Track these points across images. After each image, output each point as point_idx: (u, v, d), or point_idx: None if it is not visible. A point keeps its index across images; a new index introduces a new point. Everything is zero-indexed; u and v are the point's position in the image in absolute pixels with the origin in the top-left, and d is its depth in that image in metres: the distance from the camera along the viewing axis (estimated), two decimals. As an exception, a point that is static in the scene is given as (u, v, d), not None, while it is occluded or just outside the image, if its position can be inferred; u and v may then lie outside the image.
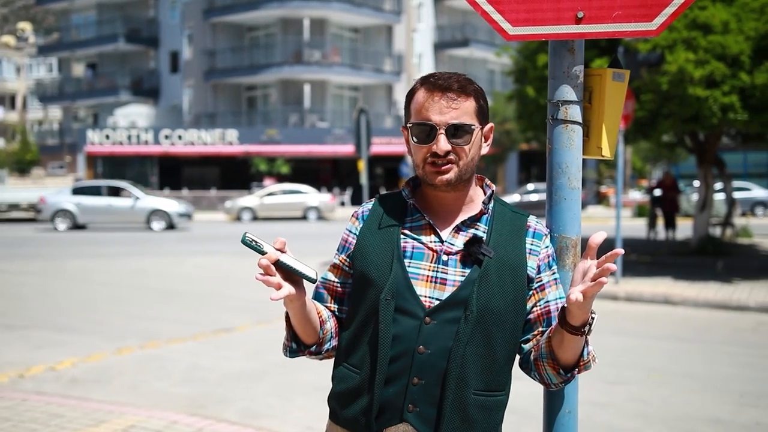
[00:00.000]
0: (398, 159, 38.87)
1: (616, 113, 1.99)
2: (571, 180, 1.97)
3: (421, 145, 1.94)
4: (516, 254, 1.94)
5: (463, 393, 1.88)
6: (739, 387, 6.64)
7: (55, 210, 25.79)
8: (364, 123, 15.76)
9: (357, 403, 1.96)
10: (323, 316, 2.05)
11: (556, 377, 1.92)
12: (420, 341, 1.89)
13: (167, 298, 11.44)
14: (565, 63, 1.95)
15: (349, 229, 2.09)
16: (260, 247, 1.84)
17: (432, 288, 1.92)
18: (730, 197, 17.65)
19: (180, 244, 20.97)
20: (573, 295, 1.75)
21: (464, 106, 1.91)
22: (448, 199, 1.99)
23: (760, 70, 12.03)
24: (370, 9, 43.56)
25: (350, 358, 2.00)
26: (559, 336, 1.86)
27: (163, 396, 6.22)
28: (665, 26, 1.85)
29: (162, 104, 47.68)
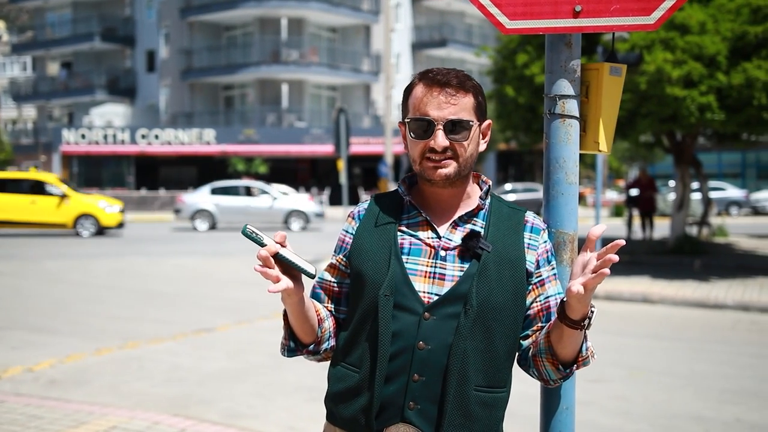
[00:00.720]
0: (376, 159, 38.82)
1: (613, 108, 1.98)
2: (568, 175, 1.96)
3: (418, 141, 1.92)
4: (514, 249, 1.93)
5: (464, 389, 1.86)
6: (719, 384, 6.69)
7: (195, 210, 25.24)
8: (344, 122, 15.75)
9: (356, 402, 1.94)
10: (321, 315, 2.03)
11: (555, 373, 1.91)
12: (420, 337, 1.88)
13: (146, 298, 11.35)
14: (563, 57, 1.94)
15: (346, 229, 2.07)
16: (260, 239, 1.82)
17: (431, 284, 1.91)
18: (706, 197, 17.81)
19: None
20: (574, 288, 1.74)
21: (463, 101, 1.90)
22: (445, 196, 1.97)
23: (736, 70, 12.15)
24: (347, 9, 43.52)
25: (348, 357, 1.98)
26: (558, 331, 1.85)
27: (143, 396, 6.16)
28: (663, 20, 1.85)
29: (138, 104, 47.34)
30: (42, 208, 21.99)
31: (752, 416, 5.81)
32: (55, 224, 22.15)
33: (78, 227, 22.21)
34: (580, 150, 1.99)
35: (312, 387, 6.44)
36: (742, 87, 11.96)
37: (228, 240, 21.46)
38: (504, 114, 16.02)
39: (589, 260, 1.78)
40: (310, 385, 6.51)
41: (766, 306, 10.34)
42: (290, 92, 43.02)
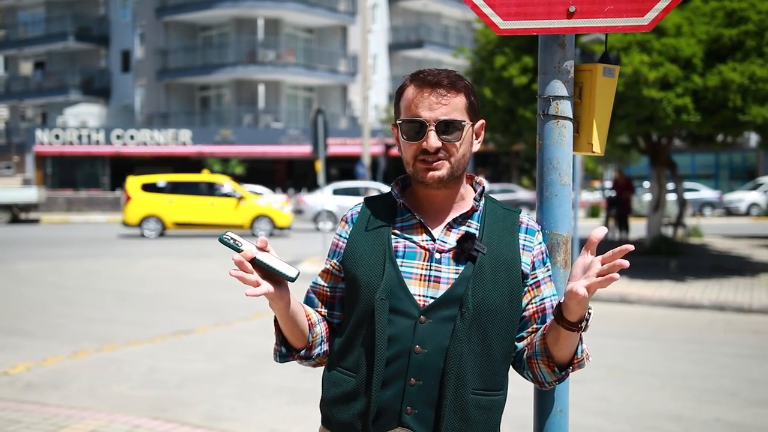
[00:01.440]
0: (353, 160, 38.79)
1: (607, 109, 1.98)
2: (562, 176, 1.95)
3: (411, 142, 1.91)
4: (510, 250, 1.92)
5: (461, 392, 1.85)
6: (697, 384, 6.74)
7: (318, 211, 25.00)
8: (322, 123, 15.70)
9: (353, 406, 1.91)
10: (312, 320, 2.01)
11: (551, 375, 1.90)
12: (416, 341, 1.86)
13: (120, 299, 11.24)
14: (556, 58, 1.93)
15: (339, 233, 2.05)
16: (237, 245, 1.79)
17: (426, 287, 1.89)
18: (681, 198, 17.97)
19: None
20: (578, 290, 1.73)
21: (454, 101, 1.89)
22: (439, 198, 1.96)
23: (711, 72, 12.27)
24: (324, 9, 43.45)
25: (344, 362, 1.96)
26: (554, 333, 1.84)
27: (122, 400, 6.10)
28: (657, 21, 1.85)
29: (113, 104, 46.92)
30: (221, 210, 22.48)
31: (731, 416, 5.85)
32: (233, 225, 22.46)
33: (254, 228, 22.51)
34: (574, 151, 1.98)
35: (293, 389, 6.41)
36: (717, 89, 12.08)
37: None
38: (482, 115, 15.96)
39: (592, 263, 1.77)
40: (290, 387, 6.47)
41: (741, 306, 10.44)
42: (267, 93, 42.86)
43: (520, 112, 13.96)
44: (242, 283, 1.81)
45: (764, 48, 12.39)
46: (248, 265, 1.79)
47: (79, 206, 36.52)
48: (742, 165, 42.99)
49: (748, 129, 13.59)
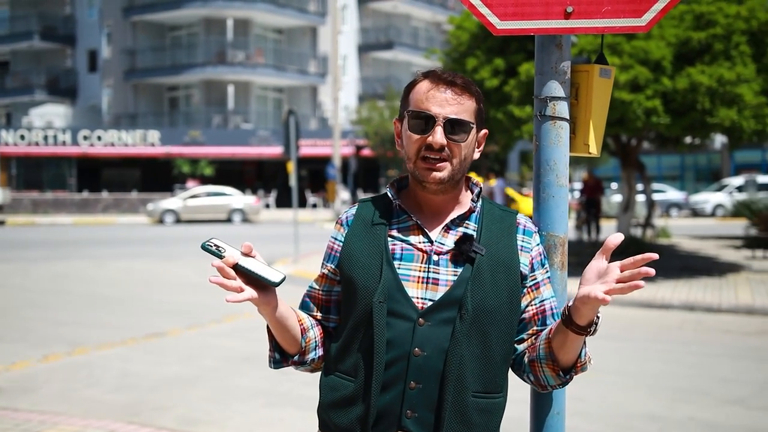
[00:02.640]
0: (323, 161, 38.72)
1: (603, 110, 1.97)
2: (559, 177, 1.94)
3: (416, 136, 1.88)
4: (508, 251, 1.90)
5: (462, 395, 1.83)
6: (670, 383, 6.80)
7: None
8: (293, 124, 15.63)
9: (351, 411, 1.89)
10: (305, 325, 1.98)
11: (555, 379, 1.89)
12: (415, 344, 1.84)
13: (90, 302, 11.09)
14: (553, 58, 1.92)
15: (334, 236, 2.02)
16: (219, 252, 1.75)
17: (424, 289, 1.87)
18: (650, 199, 18.15)
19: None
20: (597, 294, 1.69)
21: (466, 104, 1.87)
22: (437, 201, 1.94)
23: (680, 75, 12.39)
24: (294, 10, 43.32)
25: (342, 366, 1.93)
26: (561, 336, 1.82)
27: (95, 404, 6.00)
28: (655, 22, 1.84)
29: (80, 104, 46.36)
30: None
31: (705, 415, 5.91)
32: None
33: None
34: (570, 152, 1.97)
35: (268, 392, 6.36)
36: (686, 91, 12.20)
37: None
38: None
39: (609, 269, 1.74)
40: (266, 389, 6.42)
41: (710, 306, 10.57)
42: (236, 93, 42.62)
43: (492, 114, 14.00)
44: (223, 289, 1.77)
45: (731, 51, 12.55)
46: (229, 271, 1.75)
47: (45, 208, 36.01)
48: (707, 166, 43.59)
49: (716, 131, 13.74)
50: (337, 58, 34.37)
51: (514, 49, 14.58)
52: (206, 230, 26.57)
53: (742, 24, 12.65)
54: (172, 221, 30.73)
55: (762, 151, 39.78)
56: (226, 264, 1.75)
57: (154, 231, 26.84)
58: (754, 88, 12.36)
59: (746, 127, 12.47)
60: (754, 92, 12.31)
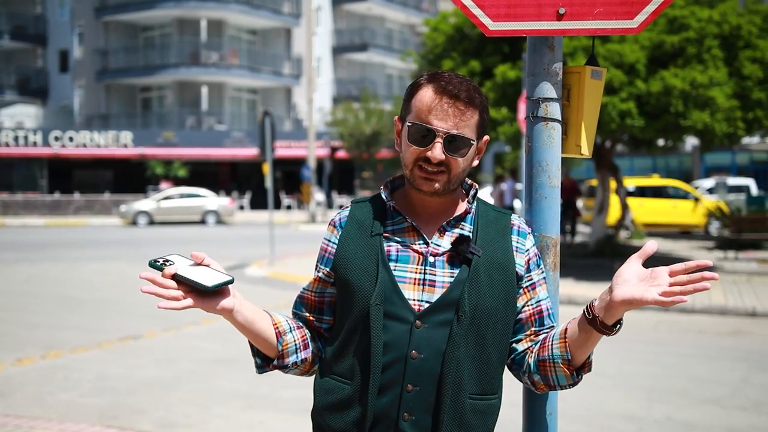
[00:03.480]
0: (298, 162, 38.63)
1: (594, 111, 1.98)
2: (551, 178, 1.94)
3: (414, 147, 1.86)
4: (504, 252, 1.90)
5: (459, 397, 1.82)
6: (648, 383, 6.86)
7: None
8: (269, 126, 15.57)
9: (348, 414, 1.87)
10: (281, 328, 1.95)
11: (567, 379, 1.87)
12: (412, 346, 1.83)
13: (64, 305, 10.96)
14: (545, 60, 1.93)
15: (328, 238, 2.00)
16: (160, 266, 1.76)
17: (420, 291, 1.86)
18: (623, 201, 18.30)
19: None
20: (653, 296, 1.67)
21: (468, 118, 1.84)
22: (433, 203, 1.93)
23: (654, 78, 12.52)
24: (268, 11, 43.18)
25: (338, 368, 1.91)
26: (583, 336, 1.79)
27: (71, 408, 5.93)
28: (646, 24, 1.86)
29: (51, 105, 45.88)
30: (681, 211, 23.61)
31: (682, 414, 5.97)
32: (691, 225, 23.62)
33: (709, 228, 23.21)
34: (562, 154, 1.98)
35: (248, 394, 6.32)
36: (660, 94, 12.33)
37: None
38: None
39: (657, 273, 1.71)
40: (245, 392, 6.39)
41: (684, 307, 10.66)
42: (210, 94, 42.39)
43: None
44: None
45: (704, 55, 12.71)
46: (164, 281, 1.74)
47: (15, 209, 35.55)
48: (678, 168, 44.03)
49: (689, 133, 13.90)
50: (312, 60, 34.29)
51: (490, 51, 14.65)
52: (180, 232, 26.39)
53: (714, 28, 12.82)
54: (145, 223, 30.47)
55: (732, 153, 40.26)
56: (163, 275, 1.75)
57: (127, 233, 26.59)
58: (726, 91, 12.52)
59: (718, 130, 12.63)
60: (725, 95, 12.47)
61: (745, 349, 8.37)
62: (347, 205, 2.03)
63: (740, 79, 12.93)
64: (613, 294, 1.73)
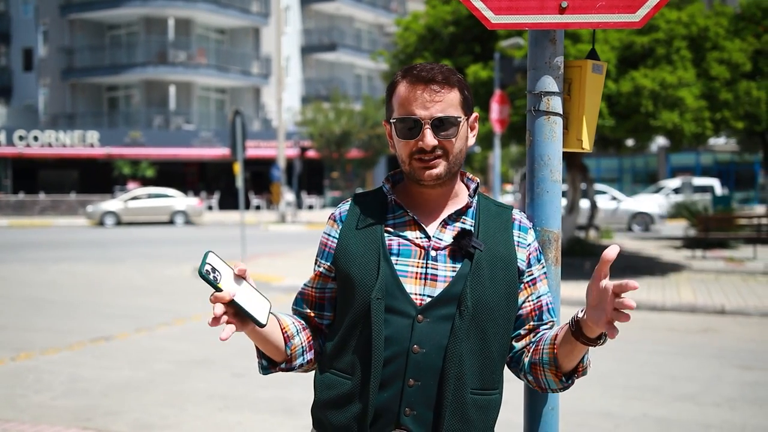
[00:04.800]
0: (267, 163, 38.44)
1: (595, 105, 1.98)
2: (553, 172, 1.94)
3: (406, 141, 1.85)
4: (506, 247, 1.89)
5: (461, 392, 1.81)
6: (622, 381, 6.91)
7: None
8: (240, 125, 15.46)
9: (348, 409, 1.85)
10: (289, 332, 1.93)
11: (557, 384, 1.87)
12: (414, 341, 1.81)
13: (32, 306, 10.79)
14: (547, 53, 1.92)
15: (328, 232, 1.98)
16: (216, 282, 1.68)
17: (422, 285, 1.84)
18: (592, 201, 18.46)
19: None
20: (601, 324, 1.69)
21: (449, 97, 1.84)
22: (434, 195, 1.91)
23: (624, 78, 12.63)
24: (236, 10, 42.93)
25: (338, 364, 1.89)
26: (569, 346, 1.79)
27: (44, 410, 5.84)
28: (648, 18, 1.86)
29: (14, 104, 45.16)
30: None
31: (658, 411, 6.02)
32: None
33: None
34: (563, 148, 1.97)
35: (224, 395, 6.27)
36: (630, 94, 12.44)
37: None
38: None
39: (605, 291, 1.69)
40: (222, 393, 6.33)
41: (655, 305, 10.79)
42: (178, 94, 42.03)
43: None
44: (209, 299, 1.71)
45: (673, 56, 12.85)
46: (222, 309, 1.68)
47: (-22, 210, 35.00)
48: (644, 169, 44.57)
49: (659, 133, 14.06)
50: (281, 59, 34.16)
51: (462, 51, 14.70)
52: (148, 232, 26.14)
53: (682, 29, 12.97)
54: (112, 223, 30.13)
55: (696, 153, 40.84)
56: (222, 300, 1.68)
57: (94, 233, 26.27)
58: (694, 92, 12.67)
59: (687, 130, 12.77)
60: (694, 96, 12.63)
61: (715, 346, 8.48)
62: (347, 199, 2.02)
63: (708, 80, 13.10)
64: (585, 312, 1.75)
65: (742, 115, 13.75)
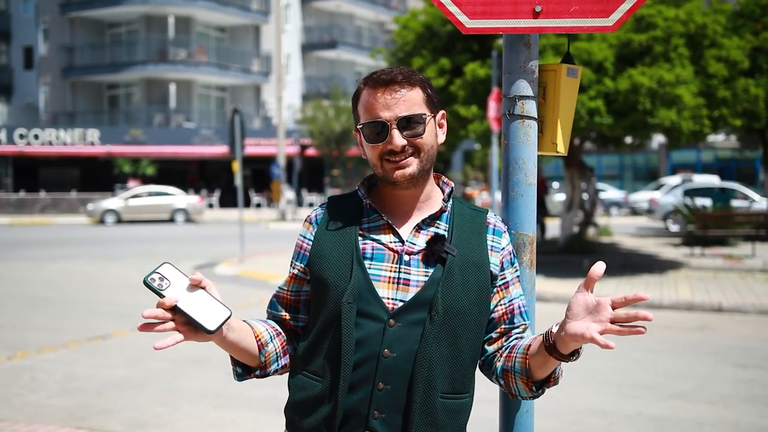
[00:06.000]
0: (267, 160, 38.47)
1: (570, 109, 1.99)
2: (527, 176, 1.95)
3: (375, 144, 1.87)
4: (478, 252, 1.90)
5: (430, 397, 1.82)
6: (616, 379, 6.92)
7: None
8: (238, 123, 15.48)
9: (318, 411, 1.86)
10: (263, 339, 1.94)
11: (528, 392, 1.88)
12: (385, 345, 1.82)
13: (29, 305, 10.81)
14: (522, 57, 1.93)
15: (303, 234, 1.99)
16: (161, 289, 1.68)
17: (395, 289, 1.85)
18: (592, 198, 18.44)
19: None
20: (593, 336, 1.66)
21: (411, 96, 1.85)
22: (407, 197, 1.92)
23: (622, 76, 12.62)
24: (236, 8, 42.93)
25: (310, 366, 1.91)
26: (542, 359, 1.79)
27: (39, 409, 5.85)
28: (622, 22, 1.87)
29: (15, 102, 45.18)
30: None
31: (651, 409, 6.03)
32: None
33: None
34: (538, 151, 1.98)
35: (218, 393, 6.28)
36: (628, 92, 12.43)
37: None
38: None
39: (600, 305, 1.70)
40: (216, 391, 6.34)
41: (652, 303, 10.79)
42: (178, 92, 42.04)
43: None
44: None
45: (671, 53, 12.83)
46: (164, 314, 1.69)
47: (-21, 208, 35.04)
48: (644, 166, 44.56)
49: (657, 131, 14.05)
50: (281, 57, 34.16)
51: (460, 49, 14.69)
52: (149, 231, 26.16)
53: (680, 27, 12.96)
54: (113, 221, 30.16)
55: (697, 151, 40.83)
56: (162, 306, 1.68)
57: (94, 231, 26.29)
58: (692, 89, 12.66)
59: (685, 128, 12.76)
60: (692, 93, 12.61)
61: (711, 343, 8.49)
62: (323, 201, 2.03)
63: (706, 77, 13.09)
64: (563, 329, 1.73)
65: (740, 112, 13.75)
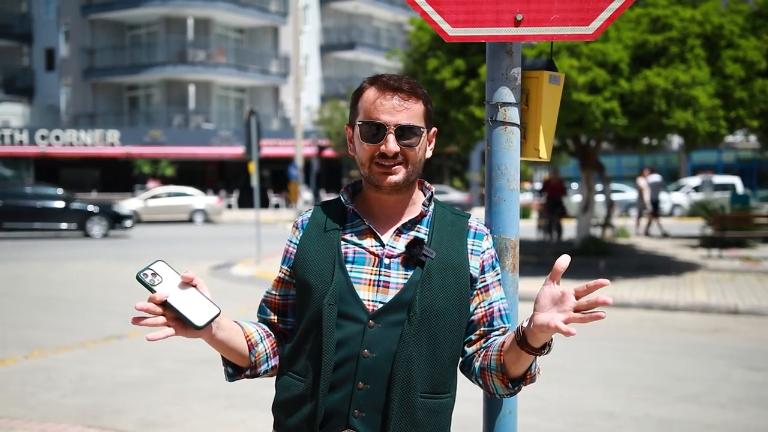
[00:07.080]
0: (285, 161, 38.60)
1: (553, 115, 2.02)
2: (510, 181, 1.98)
3: (368, 144, 1.91)
4: (457, 255, 1.94)
5: (409, 396, 1.86)
6: (627, 381, 6.91)
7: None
8: (255, 124, 15.57)
9: (301, 411, 1.92)
10: (253, 340, 1.99)
11: (504, 389, 1.92)
12: (364, 345, 1.87)
13: (48, 304, 10.94)
14: (504, 65, 1.96)
15: (290, 239, 2.05)
16: (152, 285, 1.74)
17: (375, 292, 1.90)
18: (609, 199, 18.38)
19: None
20: (557, 325, 1.69)
21: (414, 108, 1.91)
22: (390, 202, 1.97)
23: (637, 77, 12.58)
24: (255, 10, 43.13)
25: (294, 366, 1.96)
26: (515, 354, 1.83)
27: (53, 408, 5.94)
28: (601, 30, 1.89)
29: (37, 103, 45.68)
30: None
31: (660, 411, 6.02)
32: None
33: None
34: (521, 157, 2.01)
35: (229, 394, 6.34)
36: (643, 93, 12.39)
37: None
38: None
39: (564, 296, 1.74)
40: (226, 392, 6.40)
41: (667, 305, 10.75)
42: (197, 93, 42.30)
43: (453, 115, 14.09)
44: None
45: (687, 54, 12.77)
46: (154, 308, 1.75)
47: (1, 208, 35.36)
48: (665, 167, 44.26)
49: (672, 132, 13.97)
50: (299, 58, 34.28)
51: (475, 50, 14.68)
52: (168, 231, 26.34)
53: (696, 27, 12.89)
54: (132, 222, 30.35)
55: (718, 152, 40.53)
56: (153, 301, 1.74)
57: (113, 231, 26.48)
58: (708, 90, 12.59)
59: (701, 129, 12.69)
60: (708, 95, 12.54)
61: (725, 346, 8.45)
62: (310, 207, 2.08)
63: (722, 78, 13.01)
64: (531, 321, 1.77)
65: (758, 113, 13.65)
